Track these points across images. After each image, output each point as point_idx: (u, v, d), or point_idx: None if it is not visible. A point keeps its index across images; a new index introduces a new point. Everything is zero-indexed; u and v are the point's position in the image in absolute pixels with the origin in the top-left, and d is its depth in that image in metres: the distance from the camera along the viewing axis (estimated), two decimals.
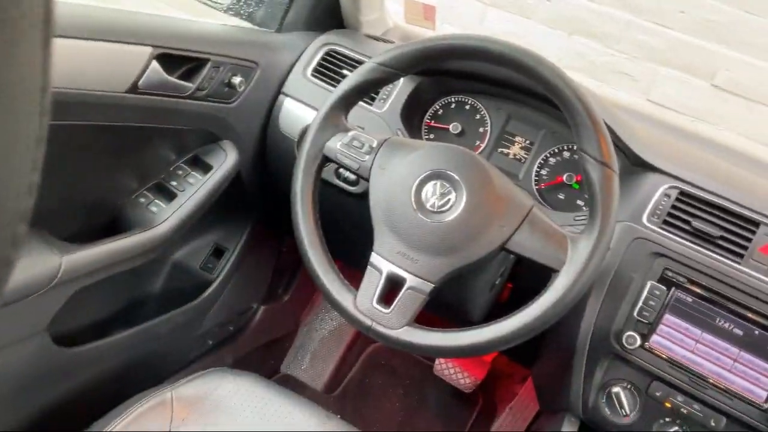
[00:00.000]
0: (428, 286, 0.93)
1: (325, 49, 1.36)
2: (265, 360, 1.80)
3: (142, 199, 1.25)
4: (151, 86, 1.07)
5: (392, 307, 0.93)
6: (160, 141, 1.23)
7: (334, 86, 1.04)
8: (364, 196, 1.01)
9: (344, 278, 0.99)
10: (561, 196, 1.25)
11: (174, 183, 1.27)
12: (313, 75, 1.35)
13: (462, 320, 1.14)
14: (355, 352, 1.91)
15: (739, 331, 1.01)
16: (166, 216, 1.22)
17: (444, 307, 1.13)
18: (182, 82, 1.13)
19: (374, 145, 1.01)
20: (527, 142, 1.28)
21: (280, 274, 1.75)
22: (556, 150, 1.26)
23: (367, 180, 1.00)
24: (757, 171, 1.24)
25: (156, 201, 1.25)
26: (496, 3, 2.73)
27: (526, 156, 1.28)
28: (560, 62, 2.58)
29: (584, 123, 0.89)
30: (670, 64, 2.51)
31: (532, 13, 2.67)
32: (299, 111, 1.33)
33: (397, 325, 0.93)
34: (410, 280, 0.93)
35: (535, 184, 1.27)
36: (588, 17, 2.60)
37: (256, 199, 1.49)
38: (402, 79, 1.27)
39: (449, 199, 0.94)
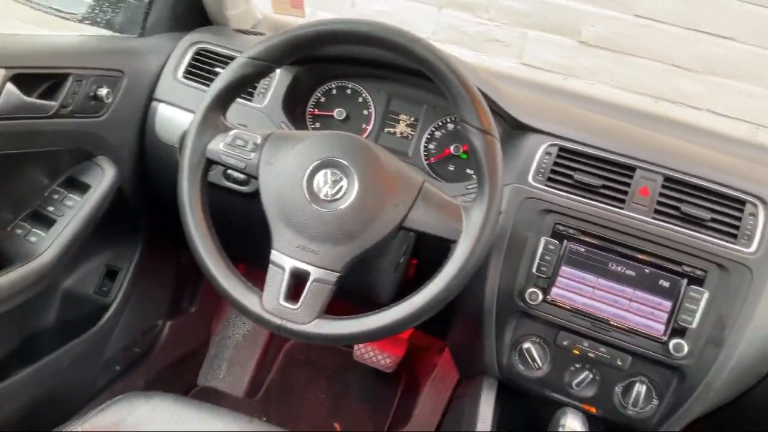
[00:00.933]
0: (333, 276, 0.92)
1: (194, 48, 1.32)
2: (179, 376, 1.74)
3: (19, 230, 1.17)
4: (10, 110, 1.00)
5: (300, 302, 0.92)
6: (30, 166, 1.15)
7: (209, 86, 1.00)
8: (256, 194, 0.99)
9: (248, 281, 0.97)
10: (451, 168, 1.27)
11: (51, 209, 1.19)
12: (185, 77, 1.30)
13: (373, 304, 1.14)
14: (272, 352, 1.89)
15: (631, 272, 1.06)
16: (47, 244, 1.15)
17: (353, 293, 1.13)
18: (44, 102, 1.06)
19: (258, 141, 0.99)
20: (412, 119, 1.30)
21: (183, 287, 1.69)
22: (440, 123, 1.28)
23: (257, 178, 0.98)
24: (629, 119, 1.31)
25: (34, 230, 1.17)
26: None
27: (412, 133, 1.29)
28: (434, 36, 2.60)
29: (460, 94, 0.91)
30: (537, 26, 2.59)
31: None
32: (176, 116, 1.28)
33: (307, 320, 0.92)
34: (314, 272, 0.92)
35: (425, 159, 1.28)
36: None
37: (144, 213, 1.43)
38: (279, 71, 1.25)
39: (342, 186, 0.94)
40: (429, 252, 1.23)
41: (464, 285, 0.91)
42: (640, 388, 1.07)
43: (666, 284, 1.05)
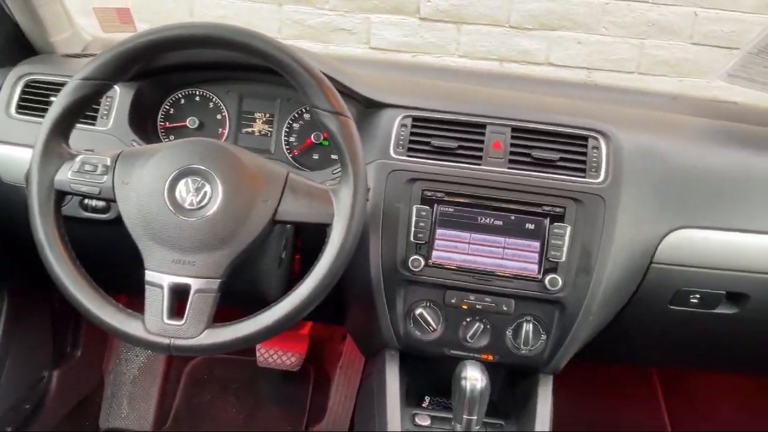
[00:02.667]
0: (215, 283, 0.91)
1: (23, 81, 1.24)
2: (79, 424, 1.65)
3: None
4: None
5: (185, 316, 0.90)
6: None
7: None
8: (120, 220, 0.95)
9: (128, 309, 0.93)
10: (316, 156, 1.28)
11: None
12: (18, 112, 1.22)
13: (263, 304, 1.14)
14: (173, 378, 1.83)
15: (499, 222, 1.13)
16: None
17: (241, 298, 1.12)
18: None
19: (108, 162, 0.95)
20: (267, 115, 1.29)
21: (63, 331, 1.60)
22: (297, 115, 1.28)
23: (114, 200, 0.94)
24: (478, 81, 1.38)
25: None
26: None
27: (270, 129, 1.29)
28: (280, 34, 2.59)
29: (306, 81, 0.92)
30: (378, 9, 2.64)
31: None
32: (17, 154, 1.20)
33: (196, 332, 0.90)
34: (195, 283, 0.90)
35: (288, 153, 1.29)
36: None
37: (5, 262, 1.33)
38: (119, 89, 1.21)
39: (205, 192, 0.92)
40: (310, 243, 1.24)
41: (347, 264, 0.93)
42: (527, 328, 1.14)
43: (532, 226, 1.12)
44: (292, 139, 1.28)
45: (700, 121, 1.32)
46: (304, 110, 1.28)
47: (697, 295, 1.17)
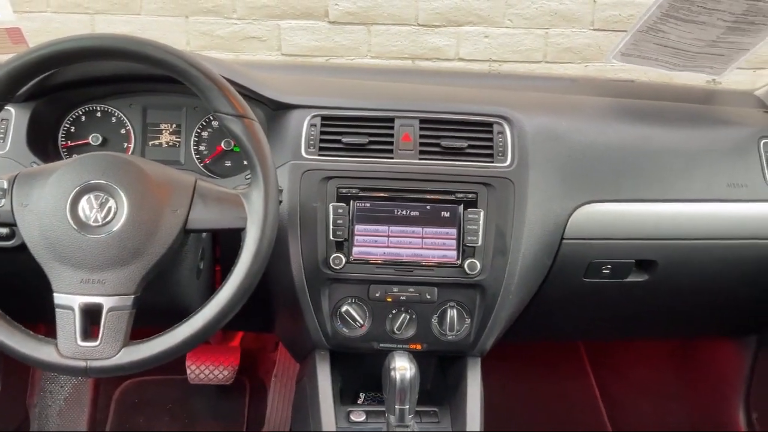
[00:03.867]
0: (128, 300, 0.89)
1: None
2: None
3: None
4: None
5: (100, 336, 0.87)
6: None
7: None
8: (24, 246, 0.91)
9: (44, 336, 0.90)
10: (228, 164, 1.27)
11: None
12: None
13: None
14: (102, 405, 1.76)
15: (416, 213, 1.15)
16: None
17: (160, 313, 1.09)
18: None
19: (5, 185, 0.91)
20: (173, 126, 1.27)
21: None
22: (205, 123, 1.27)
23: (15, 224, 0.91)
24: (385, 77, 1.40)
25: None
26: (100, 9, 2.59)
27: (178, 140, 1.27)
28: (189, 46, 2.54)
29: (206, 86, 0.91)
30: (287, 15, 2.63)
31: (140, 9, 2.59)
32: None
33: (113, 352, 0.88)
34: (107, 302, 0.88)
35: (199, 162, 1.27)
36: None
37: None
38: (13, 110, 1.16)
39: (110, 208, 0.90)
40: (230, 251, 1.22)
41: (264, 267, 0.93)
42: (452, 313, 1.16)
43: (447, 214, 1.14)
44: (201, 147, 1.27)
45: (599, 100, 1.38)
46: (211, 118, 1.26)
47: (609, 266, 1.22)
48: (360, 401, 1.27)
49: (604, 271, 1.23)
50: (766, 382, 1.57)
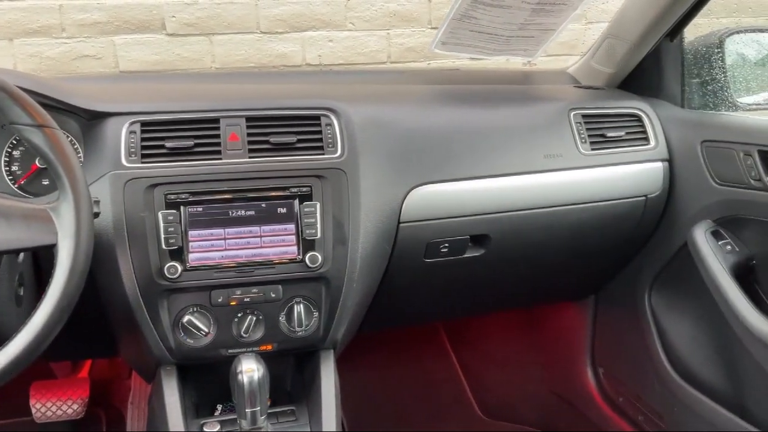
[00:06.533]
0: None
1: None
2: None
3: None
4: None
5: None
6: None
7: None
8: None
9: None
10: (46, 182, 1.19)
11: None
12: None
13: None
14: None
15: (251, 212, 1.13)
16: None
17: None
18: None
19: None
20: None
21: None
22: (15, 142, 1.18)
23: None
24: (212, 80, 1.37)
25: None
26: None
27: None
28: (16, 69, 2.35)
29: None
30: (121, 30, 2.52)
31: None
32: None
33: None
34: None
35: (14, 184, 1.17)
36: (18, 16, 2.43)
37: None
38: None
39: None
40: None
41: (83, 284, 0.87)
42: (299, 309, 1.15)
43: (284, 210, 1.13)
44: (14, 168, 1.17)
45: (424, 87, 1.43)
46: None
47: (446, 245, 1.27)
48: (217, 413, 1.23)
49: (443, 250, 1.27)
50: (606, 339, 1.70)
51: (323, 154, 1.17)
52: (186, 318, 1.12)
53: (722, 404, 1.37)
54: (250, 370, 1.02)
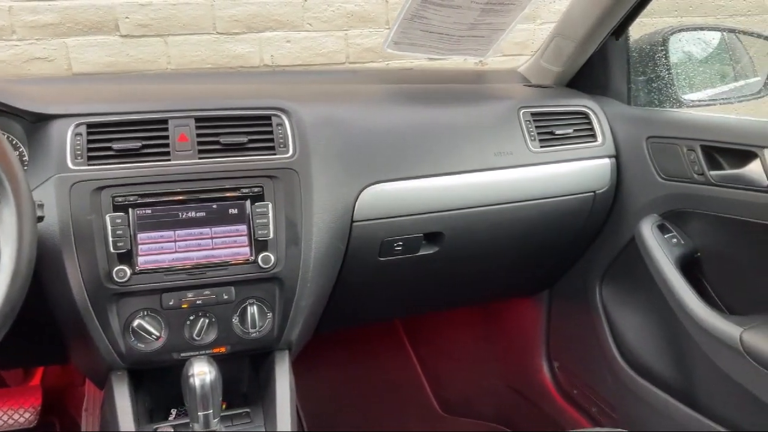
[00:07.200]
0: None
1: None
2: None
3: None
4: None
5: None
6: None
7: None
8: None
9: None
10: None
11: None
12: None
13: None
14: None
15: (202, 214, 1.12)
16: None
17: None
18: None
19: None
20: None
21: None
22: None
23: None
24: (161, 81, 1.35)
25: None
26: None
27: None
28: None
29: None
30: (73, 32, 2.48)
31: None
32: None
33: None
34: None
35: None
36: None
37: None
38: None
39: None
40: None
41: (26, 288, 0.85)
42: (252, 310, 1.14)
43: (235, 211, 1.13)
44: None
45: (377, 87, 1.44)
46: None
47: (400, 243, 1.28)
48: (172, 417, 1.21)
49: (397, 248, 1.28)
50: (560, 333, 1.73)
51: (275, 154, 1.17)
52: (136, 322, 1.10)
53: (672, 394, 1.41)
54: (201, 372, 1.02)
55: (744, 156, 1.19)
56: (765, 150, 1.15)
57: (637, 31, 1.52)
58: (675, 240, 1.35)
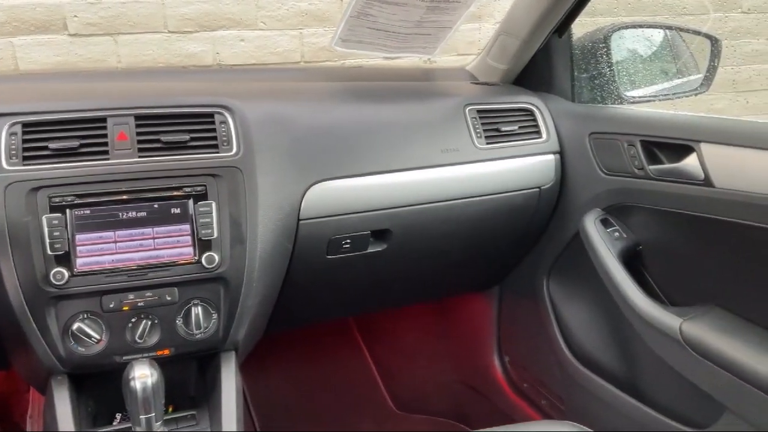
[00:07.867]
0: None
1: None
2: None
3: None
4: None
5: None
6: None
7: None
8: None
9: None
10: None
11: None
12: None
13: None
14: None
15: (143, 213, 1.10)
16: None
17: None
18: None
19: None
20: None
21: None
22: None
23: None
24: (102, 79, 1.33)
25: None
26: None
27: None
28: None
29: None
30: (20, 31, 2.42)
31: None
32: None
33: None
34: None
35: None
36: None
37: None
38: None
39: None
40: None
41: None
42: (197, 311, 1.13)
43: (178, 210, 1.11)
44: None
45: (324, 84, 1.43)
46: None
47: (348, 241, 1.28)
48: (116, 422, 1.19)
49: (345, 246, 1.28)
50: (511, 328, 1.75)
51: (218, 152, 1.15)
52: (76, 325, 1.08)
53: (617, 386, 1.44)
54: (143, 375, 1.00)
55: (682, 150, 1.22)
56: (701, 144, 1.18)
57: (580, 29, 1.55)
58: (617, 234, 1.38)
